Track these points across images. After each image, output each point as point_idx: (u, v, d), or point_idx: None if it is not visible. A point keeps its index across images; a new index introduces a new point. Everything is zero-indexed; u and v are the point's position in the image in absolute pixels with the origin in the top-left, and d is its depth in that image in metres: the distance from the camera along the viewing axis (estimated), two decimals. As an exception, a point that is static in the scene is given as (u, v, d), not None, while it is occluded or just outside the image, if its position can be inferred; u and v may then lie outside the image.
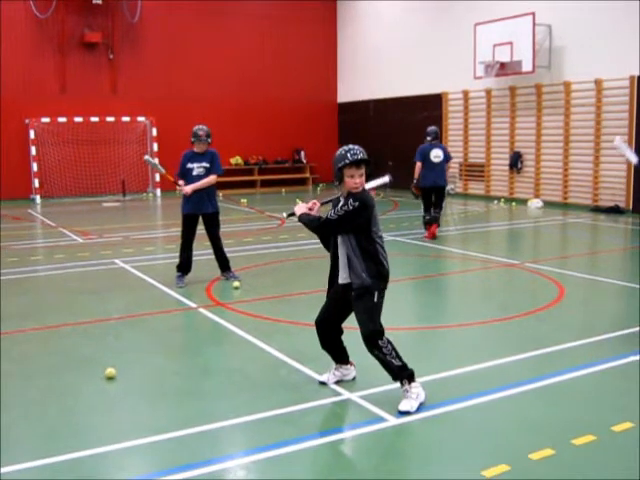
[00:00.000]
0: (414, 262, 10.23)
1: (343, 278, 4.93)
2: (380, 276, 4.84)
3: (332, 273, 5.06)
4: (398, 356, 4.83)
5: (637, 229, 13.56)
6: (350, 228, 4.82)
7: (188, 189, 8.67)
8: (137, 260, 10.62)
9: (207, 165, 8.71)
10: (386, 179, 5.06)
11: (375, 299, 4.80)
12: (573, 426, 4.56)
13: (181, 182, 8.74)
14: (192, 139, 8.71)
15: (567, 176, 17.62)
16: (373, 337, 4.78)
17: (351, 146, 4.83)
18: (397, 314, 6.99)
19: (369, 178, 4.91)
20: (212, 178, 8.72)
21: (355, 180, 4.76)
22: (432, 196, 12.61)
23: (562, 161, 17.63)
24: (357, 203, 4.74)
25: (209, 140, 8.73)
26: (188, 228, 8.87)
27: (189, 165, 8.73)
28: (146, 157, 9.32)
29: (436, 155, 12.62)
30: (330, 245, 5.05)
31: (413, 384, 4.82)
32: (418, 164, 12.62)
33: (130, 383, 5.51)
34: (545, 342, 6.31)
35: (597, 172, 16.77)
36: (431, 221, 12.50)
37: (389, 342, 4.81)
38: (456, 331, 6.93)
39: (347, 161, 4.73)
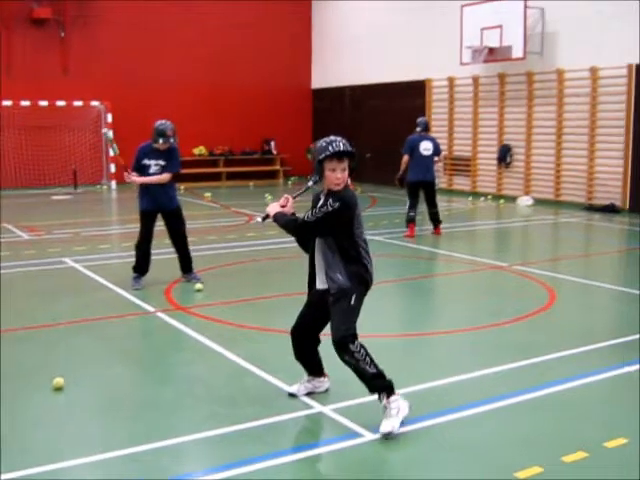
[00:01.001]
0: (395, 263, 10.26)
1: (321, 283, 4.91)
2: (361, 279, 4.82)
3: (310, 277, 5.05)
4: (373, 363, 4.75)
5: (634, 229, 13.73)
6: (330, 230, 4.80)
7: (136, 179, 8.62)
8: (89, 259, 10.54)
9: (164, 163, 8.67)
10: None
11: (352, 302, 4.78)
12: (563, 442, 4.60)
13: (133, 174, 8.67)
14: (156, 137, 8.59)
15: (559, 172, 17.79)
16: (344, 340, 4.71)
17: (333, 137, 4.78)
18: (376, 320, 7.00)
19: (353, 172, 4.83)
20: (165, 176, 8.64)
21: (337, 175, 4.71)
22: (419, 192, 12.69)
23: (554, 155, 17.79)
24: (337, 204, 4.70)
25: (176, 138, 8.68)
26: (146, 226, 8.82)
27: (146, 161, 8.67)
28: (104, 130, 9.16)
29: (426, 148, 12.71)
30: (309, 247, 5.02)
31: (392, 397, 4.75)
32: (405, 157, 12.69)
33: (80, 394, 5.46)
34: (534, 351, 6.36)
35: (592, 168, 16.95)
36: (412, 219, 12.58)
37: (362, 347, 4.74)
38: (439, 339, 6.96)
39: (328, 152, 4.68)
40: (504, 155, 18.83)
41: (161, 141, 8.59)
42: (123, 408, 5.23)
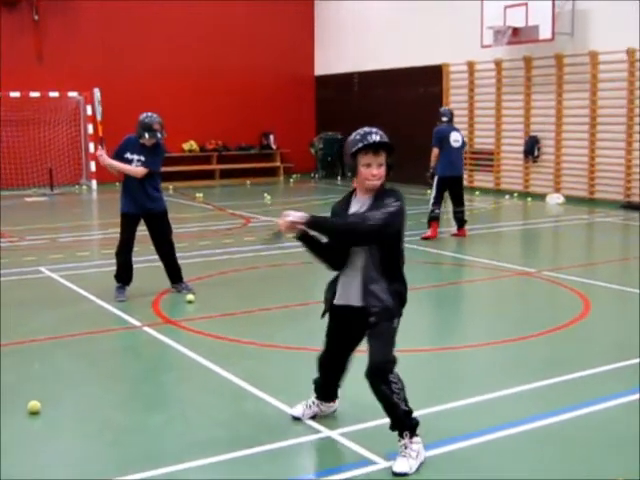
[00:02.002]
0: (411, 269, 10.22)
1: (356, 299, 4.73)
2: (402, 300, 4.74)
3: (331, 293, 4.90)
4: (405, 399, 4.67)
5: (678, 230, 13.70)
6: (389, 236, 4.61)
7: (106, 159, 8.67)
8: (67, 268, 10.55)
9: (144, 158, 8.70)
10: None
11: (395, 324, 4.69)
12: (597, 473, 4.58)
13: (103, 152, 8.73)
14: (141, 132, 8.61)
15: (594, 166, 17.77)
16: (385, 368, 4.61)
17: (367, 128, 4.66)
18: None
19: (391, 171, 4.65)
20: (140, 170, 8.64)
21: (372, 170, 4.56)
22: (446, 189, 12.79)
23: (587, 148, 17.78)
24: (399, 203, 4.55)
25: (163, 133, 8.70)
26: (126, 230, 8.84)
27: (128, 155, 8.69)
28: (95, 90, 9.11)
29: (455, 139, 12.89)
30: (342, 261, 4.79)
31: (415, 439, 4.67)
32: (435, 150, 12.76)
33: (58, 418, 5.47)
34: (566, 367, 6.34)
35: (630, 161, 16.94)
36: (437, 218, 12.63)
37: (400, 379, 4.66)
38: (460, 354, 6.96)
39: (360, 145, 4.54)
40: (531, 148, 18.82)
41: (147, 136, 8.60)
42: (106, 434, 5.22)
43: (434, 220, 12.70)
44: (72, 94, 21.34)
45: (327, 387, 5.24)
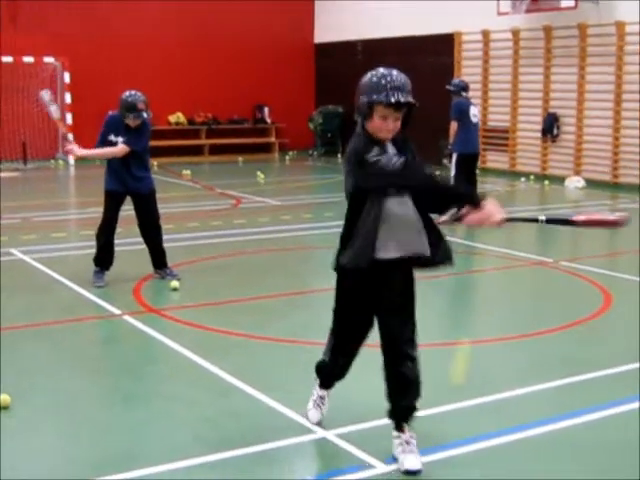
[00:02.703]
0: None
1: (425, 249, 4.61)
2: None
3: (365, 247, 4.54)
4: None
5: None
6: None
7: (78, 150, 8.68)
8: (41, 250, 10.55)
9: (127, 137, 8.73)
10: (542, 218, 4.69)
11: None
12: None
13: (74, 145, 8.73)
14: (124, 112, 8.59)
15: (618, 147, 17.77)
16: (415, 340, 4.69)
17: (395, 75, 4.47)
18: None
19: (406, 126, 4.57)
20: (118, 150, 8.63)
21: (388, 125, 4.46)
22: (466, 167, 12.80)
23: (612, 127, 17.77)
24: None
25: (149, 112, 8.69)
26: (110, 209, 8.85)
27: (112, 137, 8.70)
28: (42, 93, 9.10)
29: (474, 114, 13.01)
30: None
31: (414, 433, 4.76)
32: (455, 124, 12.71)
33: (30, 414, 5.47)
34: (584, 366, 6.37)
35: (657, 142, 16.94)
36: None
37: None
38: (472, 349, 6.98)
39: (384, 99, 4.40)
40: (550, 126, 18.81)
41: (131, 116, 8.59)
42: (83, 431, 5.24)
43: None
44: (48, 59, 21.26)
45: (341, 371, 5.06)
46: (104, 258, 8.90)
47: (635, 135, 17.32)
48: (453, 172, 12.77)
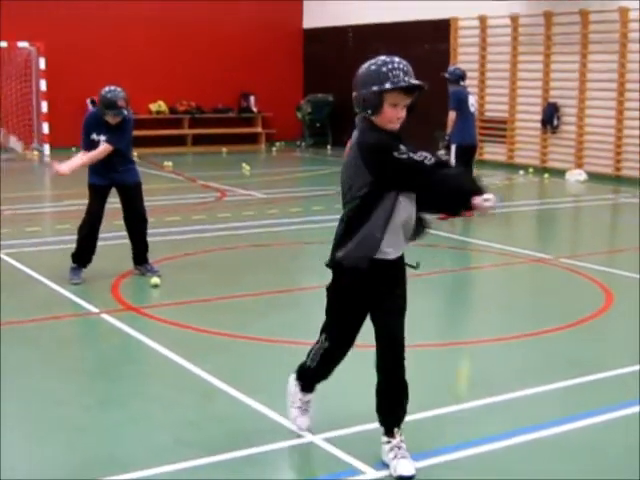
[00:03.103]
0: (411, 254, 10.23)
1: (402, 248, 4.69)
2: None
3: (371, 246, 4.54)
4: None
5: None
6: None
7: (66, 167, 8.67)
8: (14, 245, 10.52)
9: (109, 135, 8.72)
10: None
11: None
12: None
13: (61, 165, 8.73)
14: (103, 109, 8.57)
15: (621, 139, 17.81)
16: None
17: (397, 60, 4.46)
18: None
19: (412, 112, 4.53)
20: (102, 151, 8.62)
21: (399, 112, 4.45)
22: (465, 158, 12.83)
23: (614, 118, 17.81)
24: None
25: (129, 109, 8.69)
26: (95, 203, 8.85)
27: (94, 136, 8.68)
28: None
29: (472, 104, 13.04)
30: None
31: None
32: (453, 114, 12.72)
33: (3, 416, 5.44)
34: (585, 367, 6.39)
35: (662, 134, 16.99)
36: None
37: None
38: (465, 350, 7.00)
39: (397, 83, 4.37)
40: (550, 117, 18.85)
41: (111, 114, 8.56)
42: (59, 434, 5.23)
43: None
44: (23, 44, 21.18)
45: (327, 374, 5.05)
46: (84, 255, 8.87)
47: (639, 126, 17.35)
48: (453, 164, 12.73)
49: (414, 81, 4.40)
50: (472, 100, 13.14)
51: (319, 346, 4.90)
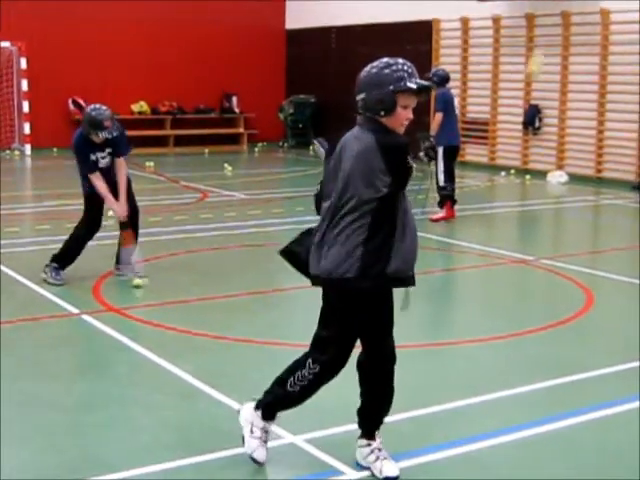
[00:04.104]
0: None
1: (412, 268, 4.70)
2: None
3: (382, 264, 4.48)
4: None
5: (695, 216, 13.83)
6: None
7: (122, 210, 8.73)
8: (-5, 245, 10.49)
9: (110, 150, 8.68)
10: None
11: None
12: (601, 483, 4.64)
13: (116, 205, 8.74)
14: (91, 130, 8.43)
15: (602, 141, 17.87)
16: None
17: (394, 60, 4.57)
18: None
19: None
20: (123, 165, 8.74)
21: (408, 114, 4.48)
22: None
23: (596, 120, 17.88)
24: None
25: (117, 127, 8.64)
26: (98, 212, 8.87)
27: (92, 156, 8.63)
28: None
29: (456, 105, 13.03)
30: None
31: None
32: (440, 115, 12.64)
33: (-19, 418, 5.44)
34: (565, 368, 6.41)
35: (643, 136, 17.05)
36: (451, 196, 12.68)
37: None
38: (447, 350, 7.01)
39: (413, 85, 4.45)
40: (531, 119, 18.89)
41: (100, 135, 8.45)
42: (37, 436, 5.21)
43: (449, 199, 12.65)
44: (4, 44, 21.09)
45: (304, 401, 4.81)
46: (72, 259, 8.83)
47: (620, 128, 17.44)
48: (441, 166, 12.64)
49: (426, 82, 4.53)
50: (456, 102, 13.18)
51: (307, 371, 4.63)
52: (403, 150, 4.37)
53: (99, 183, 8.56)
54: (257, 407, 4.81)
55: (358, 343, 4.63)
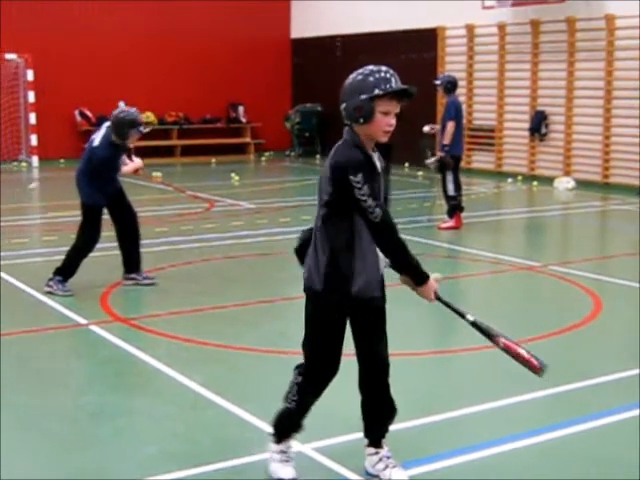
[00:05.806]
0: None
1: (379, 290, 4.63)
2: None
3: (344, 281, 4.50)
4: None
5: (703, 220, 13.80)
6: None
7: (137, 162, 9.23)
8: (2, 257, 10.48)
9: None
10: None
11: None
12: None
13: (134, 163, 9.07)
14: (129, 130, 8.59)
15: (609, 146, 17.85)
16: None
17: (385, 67, 4.41)
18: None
19: (400, 121, 4.48)
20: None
21: (389, 120, 4.38)
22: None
23: (602, 125, 17.86)
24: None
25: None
26: (96, 223, 8.88)
27: (119, 160, 8.95)
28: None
29: (463, 114, 13.03)
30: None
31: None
32: (452, 124, 12.44)
33: (-10, 430, 5.45)
34: (573, 375, 6.40)
35: (650, 141, 17.03)
36: (459, 206, 12.65)
37: None
38: (454, 358, 7.01)
39: (390, 88, 4.32)
40: (538, 125, 18.89)
41: (140, 130, 8.73)
42: (46, 447, 5.22)
43: (459, 208, 12.62)
44: (10, 56, 21.15)
45: (307, 411, 4.77)
46: (75, 271, 8.85)
47: (626, 134, 17.41)
48: (450, 176, 12.53)
49: (405, 86, 4.35)
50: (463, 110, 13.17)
51: (295, 384, 4.63)
52: (338, 167, 4.37)
53: (124, 168, 9.03)
54: (271, 434, 4.80)
55: (349, 352, 4.62)
